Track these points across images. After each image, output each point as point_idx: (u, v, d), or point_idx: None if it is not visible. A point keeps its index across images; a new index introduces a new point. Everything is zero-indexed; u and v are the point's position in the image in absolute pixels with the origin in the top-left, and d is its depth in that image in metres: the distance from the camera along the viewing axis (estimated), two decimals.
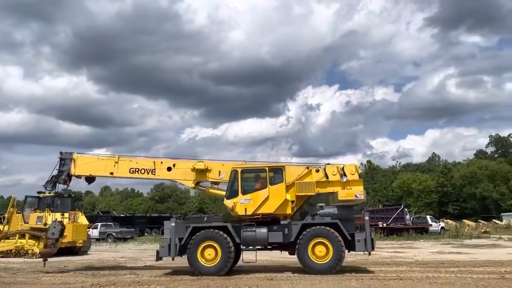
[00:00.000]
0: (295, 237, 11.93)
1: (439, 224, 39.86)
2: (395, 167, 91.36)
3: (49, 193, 16.46)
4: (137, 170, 13.66)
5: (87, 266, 15.35)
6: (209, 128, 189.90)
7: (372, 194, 77.79)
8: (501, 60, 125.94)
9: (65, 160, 13.84)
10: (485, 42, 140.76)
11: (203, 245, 11.89)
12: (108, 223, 40.24)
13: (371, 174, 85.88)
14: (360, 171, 13.12)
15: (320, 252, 11.71)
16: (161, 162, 13.74)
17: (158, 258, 12.49)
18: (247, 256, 12.29)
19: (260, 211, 12.27)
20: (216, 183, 13.65)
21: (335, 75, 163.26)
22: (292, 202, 12.46)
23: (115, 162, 13.70)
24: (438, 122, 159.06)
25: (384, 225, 36.46)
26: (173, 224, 12.34)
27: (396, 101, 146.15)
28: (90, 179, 14.08)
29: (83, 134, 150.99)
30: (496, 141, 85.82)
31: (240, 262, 12.75)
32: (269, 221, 12.45)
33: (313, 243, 11.77)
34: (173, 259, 12.31)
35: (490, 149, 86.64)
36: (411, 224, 37.53)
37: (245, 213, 12.29)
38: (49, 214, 19.19)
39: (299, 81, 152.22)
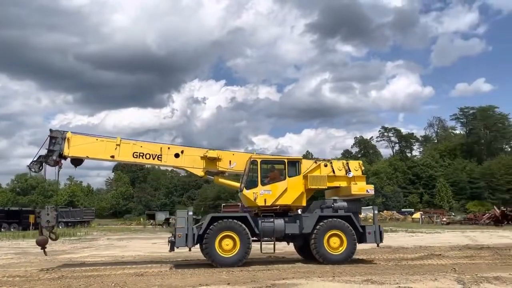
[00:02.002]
0: (312, 229, 12.12)
1: None
2: None
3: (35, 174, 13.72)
4: (141, 154, 12.86)
5: None
6: (84, 116, 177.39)
7: None
8: (368, 70, 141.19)
9: (56, 139, 12.43)
10: (356, 53, 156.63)
11: (221, 235, 11.65)
12: None
13: None
14: (363, 168, 13.59)
15: (335, 244, 12.17)
16: (168, 148, 13.11)
17: (173, 248, 12.04)
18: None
19: (278, 202, 12.39)
20: (223, 172, 13.44)
21: (222, 71, 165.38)
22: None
23: (117, 144, 12.72)
24: (313, 123, 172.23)
25: None
26: (190, 213, 12.05)
27: (278, 101, 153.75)
28: (77, 161, 12.82)
29: None
30: (360, 142, 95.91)
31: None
32: (281, 212, 12.53)
33: (328, 234, 12.18)
34: (190, 249, 12.06)
35: (355, 149, 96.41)
36: None
37: (265, 203, 12.31)
38: None
39: (185, 73, 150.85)
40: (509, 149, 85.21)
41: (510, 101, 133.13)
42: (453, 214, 56.21)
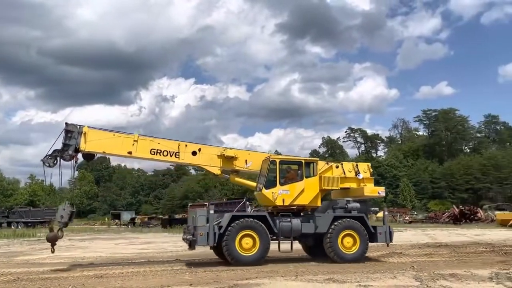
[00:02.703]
0: (327, 228, 12.36)
1: None
2: None
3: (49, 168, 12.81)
4: (159, 151, 12.77)
5: None
6: (47, 112, 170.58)
7: (219, 188, 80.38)
8: (336, 71, 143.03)
9: (72, 133, 12.05)
10: (325, 54, 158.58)
11: (241, 234, 11.76)
12: None
13: None
14: (371, 170, 13.91)
15: (348, 243, 12.46)
16: (186, 145, 13.04)
17: (194, 247, 12.12)
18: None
19: (296, 202, 12.57)
20: (237, 171, 13.44)
21: (191, 69, 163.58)
22: None
23: (134, 140, 12.55)
24: (283, 123, 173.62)
25: None
26: (211, 211, 12.00)
27: (247, 100, 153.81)
28: (90, 156, 12.69)
29: None
30: (327, 142, 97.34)
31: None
32: (295, 212, 12.70)
33: (343, 234, 12.45)
34: (211, 248, 12.14)
35: (322, 149, 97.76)
36: None
37: (283, 203, 12.46)
38: None
39: (154, 70, 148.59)
40: (468, 150, 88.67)
41: (470, 104, 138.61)
42: (415, 213, 57.97)
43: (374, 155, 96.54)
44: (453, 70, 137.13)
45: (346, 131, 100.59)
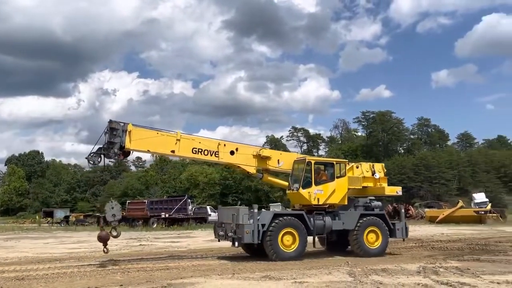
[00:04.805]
0: (354, 225, 13.21)
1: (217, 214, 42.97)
2: (184, 160, 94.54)
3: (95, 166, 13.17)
4: (200, 150, 13.00)
5: None
6: None
7: (161, 185, 78.63)
8: (282, 71, 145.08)
9: (116, 131, 12.01)
10: (271, 53, 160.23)
11: (283, 232, 12.29)
12: None
13: (161, 165, 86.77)
14: (385, 170, 14.92)
15: (372, 239, 13.44)
16: (224, 145, 13.34)
17: (239, 244, 12.45)
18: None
19: (328, 201, 13.27)
20: (269, 170, 13.97)
21: (134, 62, 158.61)
22: None
23: (177, 139, 12.70)
24: (228, 120, 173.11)
25: (167, 215, 37.07)
26: (255, 210, 12.40)
27: (192, 96, 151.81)
28: (127, 153, 12.46)
29: None
30: (271, 141, 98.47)
31: None
32: (323, 210, 13.24)
33: (367, 230, 13.37)
34: (256, 245, 12.34)
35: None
36: (192, 214, 39.27)
37: (318, 202, 13.11)
38: None
39: (94, 62, 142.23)
40: (402, 151, 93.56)
41: (405, 107, 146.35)
42: None
43: (315, 154, 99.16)
44: (391, 74, 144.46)
45: (290, 130, 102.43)
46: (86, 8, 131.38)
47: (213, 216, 41.10)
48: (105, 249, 11.99)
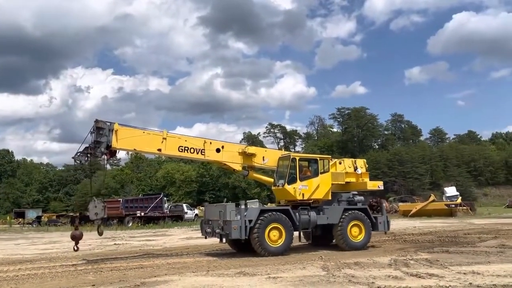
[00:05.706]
0: (338, 220, 13.38)
1: (194, 212, 42.77)
2: (160, 157, 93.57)
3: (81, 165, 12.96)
4: (186, 148, 13.07)
5: None
6: None
7: (137, 183, 77.66)
8: (258, 68, 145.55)
9: (103, 130, 11.95)
10: (247, 50, 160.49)
11: (270, 227, 12.41)
12: None
13: (136, 163, 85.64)
14: (367, 166, 15.21)
15: (355, 232, 13.64)
16: (210, 143, 13.45)
17: (228, 240, 12.76)
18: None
19: (313, 197, 13.48)
20: (254, 167, 14.25)
21: (108, 58, 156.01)
22: None
23: (163, 138, 12.72)
24: (205, 117, 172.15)
25: (142, 214, 36.68)
26: (242, 206, 12.51)
27: (168, 93, 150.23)
28: (113, 152, 12.45)
29: None
30: (248, 137, 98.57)
31: None
32: (307, 205, 13.41)
33: (351, 224, 13.57)
34: (243, 241, 12.41)
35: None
36: (168, 212, 38.98)
37: (303, 198, 13.33)
38: None
39: (66, 58, 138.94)
40: (377, 147, 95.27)
41: (379, 104, 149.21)
42: None
43: (292, 150, 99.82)
44: (366, 71, 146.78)
45: (267, 127, 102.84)
46: (56, 2, 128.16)
47: (189, 213, 40.96)
48: (75, 247, 12.12)
